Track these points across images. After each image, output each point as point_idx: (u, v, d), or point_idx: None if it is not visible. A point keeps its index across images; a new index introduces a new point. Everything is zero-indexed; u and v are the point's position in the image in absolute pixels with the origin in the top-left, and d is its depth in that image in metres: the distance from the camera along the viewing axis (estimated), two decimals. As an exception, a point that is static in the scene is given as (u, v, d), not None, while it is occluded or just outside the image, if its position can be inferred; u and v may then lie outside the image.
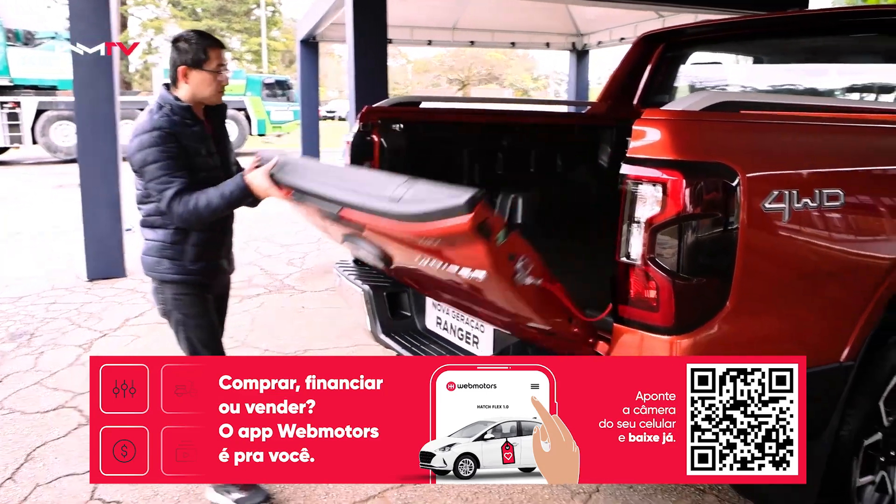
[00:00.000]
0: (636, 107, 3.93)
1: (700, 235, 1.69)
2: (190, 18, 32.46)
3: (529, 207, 3.49)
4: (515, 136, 3.62)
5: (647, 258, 1.69)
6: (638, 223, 1.69)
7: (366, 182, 1.98)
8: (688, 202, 1.64)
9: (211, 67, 2.43)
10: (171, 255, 2.45)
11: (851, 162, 2.03)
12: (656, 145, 1.67)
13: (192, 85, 2.43)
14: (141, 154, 2.32)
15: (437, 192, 1.59)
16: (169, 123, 2.35)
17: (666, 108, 1.76)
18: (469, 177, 3.44)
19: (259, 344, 4.20)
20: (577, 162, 3.89)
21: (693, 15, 10.06)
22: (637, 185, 1.69)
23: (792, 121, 2.05)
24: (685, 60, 4.06)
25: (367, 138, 2.95)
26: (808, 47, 3.73)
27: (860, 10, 3.58)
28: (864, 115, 2.35)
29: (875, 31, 3.25)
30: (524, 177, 3.65)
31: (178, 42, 2.45)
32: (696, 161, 1.67)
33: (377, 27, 6.44)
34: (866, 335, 2.01)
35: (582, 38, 12.65)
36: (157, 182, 2.31)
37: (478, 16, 11.17)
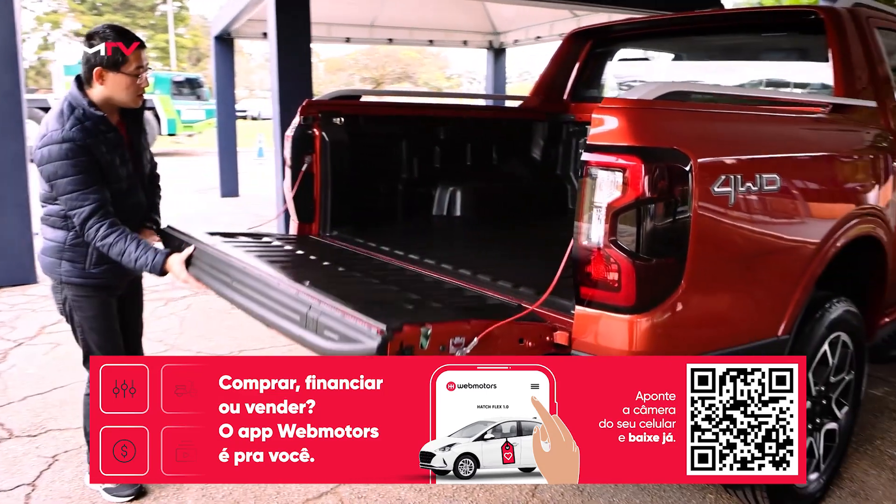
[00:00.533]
0: (566, 101, 4.08)
1: (657, 218, 1.76)
2: (90, 13, 30.47)
3: (469, 199, 3.57)
4: (455, 129, 3.68)
5: (609, 241, 1.74)
6: (599, 208, 1.75)
7: (277, 293, 1.99)
8: (646, 187, 1.71)
9: (129, 70, 2.26)
10: (71, 258, 2.35)
11: (785, 149, 2.20)
12: (615, 132, 1.74)
13: (108, 87, 2.26)
14: (51, 166, 2.19)
15: (350, 325, 1.69)
16: (81, 134, 2.20)
17: (622, 97, 1.83)
18: (409, 170, 3.47)
19: (190, 346, 4.08)
20: (513, 154, 3.99)
21: (607, 14, 10.02)
22: (598, 170, 1.75)
23: (734, 110, 2.23)
24: (612, 57, 4.24)
25: (308, 132, 2.94)
26: (727, 45, 3.94)
27: (777, 10, 3.81)
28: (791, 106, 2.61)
29: (789, 30, 3.44)
30: (464, 169, 3.72)
31: (93, 39, 2.25)
32: (653, 147, 1.75)
33: (301, 24, 6.25)
34: (799, 311, 2.18)
35: (499, 37, 12.64)
36: (68, 197, 2.20)
37: (396, 13, 11.08)
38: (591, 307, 1.84)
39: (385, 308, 1.87)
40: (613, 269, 1.76)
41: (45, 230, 2.42)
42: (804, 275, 2.20)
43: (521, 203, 3.83)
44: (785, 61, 3.63)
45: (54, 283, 2.44)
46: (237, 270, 2.16)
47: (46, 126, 2.24)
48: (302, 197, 3.02)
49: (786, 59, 3.64)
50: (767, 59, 3.71)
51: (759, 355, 1.92)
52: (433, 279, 2.46)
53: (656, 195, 1.73)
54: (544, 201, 3.95)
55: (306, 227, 3.12)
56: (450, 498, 2.56)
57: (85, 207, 2.21)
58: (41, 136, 2.23)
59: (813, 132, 2.46)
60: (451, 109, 4.10)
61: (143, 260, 2.25)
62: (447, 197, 3.56)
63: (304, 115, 2.93)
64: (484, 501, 2.52)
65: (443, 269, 2.56)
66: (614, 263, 1.75)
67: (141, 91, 2.33)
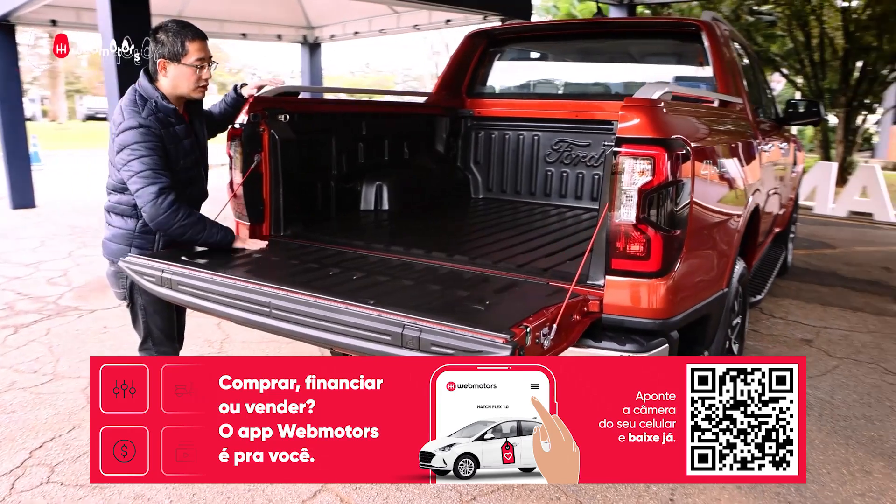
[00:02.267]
0: (463, 97, 4.44)
1: (674, 197, 2.11)
2: None
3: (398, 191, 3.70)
4: (383, 125, 3.84)
5: (641, 217, 2.05)
6: (632, 190, 2.05)
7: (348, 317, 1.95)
8: (669, 171, 2.04)
9: (190, 61, 2.39)
10: (141, 244, 2.48)
11: (725, 136, 2.77)
12: (643, 126, 2.05)
13: (171, 78, 2.40)
14: (128, 150, 2.31)
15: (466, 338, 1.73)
16: (156, 123, 2.35)
17: (640, 97, 2.13)
18: (350, 164, 3.57)
19: (78, 373, 3.70)
20: (424, 148, 4.24)
21: (428, 11, 10.10)
22: (630, 159, 2.04)
23: (696, 104, 2.84)
24: (502, 56, 4.69)
25: (257, 130, 2.88)
26: (609, 49, 4.60)
27: (661, 20, 4.32)
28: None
29: (670, 38, 4.11)
30: (389, 163, 3.86)
31: (158, 33, 2.40)
32: (671, 138, 2.07)
33: (140, 13, 5.58)
34: (732, 268, 2.80)
35: (314, 31, 12.45)
36: (140, 176, 2.30)
37: (206, 5, 10.46)
38: (622, 276, 2.13)
39: (467, 313, 1.95)
40: (643, 241, 2.07)
41: (113, 218, 2.52)
42: (736, 238, 2.80)
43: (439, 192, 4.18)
44: (667, 64, 4.44)
45: (116, 269, 2.51)
46: (278, 299, 2.07)
47: (122, 114, 2.36)
48: (251, 198, 2.94)
49: (667, 62, 4.44)
50: (651, 62, 4.49)
51: (716, 306, 2.57)
52: (447, 269, 2.51)
53: (674, 177, 2.06)
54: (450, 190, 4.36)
55: (257, 229, 3.02)
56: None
57: (155, 184, 2.31)
58: (117, 123, 2.35)
59: (727, 122, 3.03)
60: (386, 106, 4.44)
61: (221, 238, 2.50)
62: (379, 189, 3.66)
63: (252, 112, 2.85)
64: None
65: (434, 256, 2.65)
66: (644, 237, 2.07)
67: (204, 83, 2.46)
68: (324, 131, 3.34)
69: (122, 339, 4.20)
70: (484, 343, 1.69)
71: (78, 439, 2.95)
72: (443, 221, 3.71)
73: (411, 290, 2.23)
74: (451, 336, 1.74)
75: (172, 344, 2.67)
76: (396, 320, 1.83)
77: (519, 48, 4.86)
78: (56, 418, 3.15)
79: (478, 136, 4.40)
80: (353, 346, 1.90)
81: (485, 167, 4.41)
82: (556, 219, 3.74)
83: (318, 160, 3.31)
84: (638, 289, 2.12)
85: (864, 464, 2.90)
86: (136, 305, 2.57)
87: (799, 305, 5.34)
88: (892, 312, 5.25)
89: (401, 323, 1.81)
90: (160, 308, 2.55)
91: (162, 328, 2.59)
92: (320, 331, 1.96)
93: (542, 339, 1.75)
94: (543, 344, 1.73)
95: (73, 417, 3.16)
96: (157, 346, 2.62)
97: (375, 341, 1.85)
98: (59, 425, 3.08)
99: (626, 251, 2.09)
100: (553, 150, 4.19)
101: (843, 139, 12.88)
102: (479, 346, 1.69)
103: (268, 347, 4.05)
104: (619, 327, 2.16)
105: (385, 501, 2.54)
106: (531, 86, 4.81)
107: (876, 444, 3.10)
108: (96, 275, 5.65)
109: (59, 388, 3.49)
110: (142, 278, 2.35)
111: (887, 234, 8.83)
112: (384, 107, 4.55)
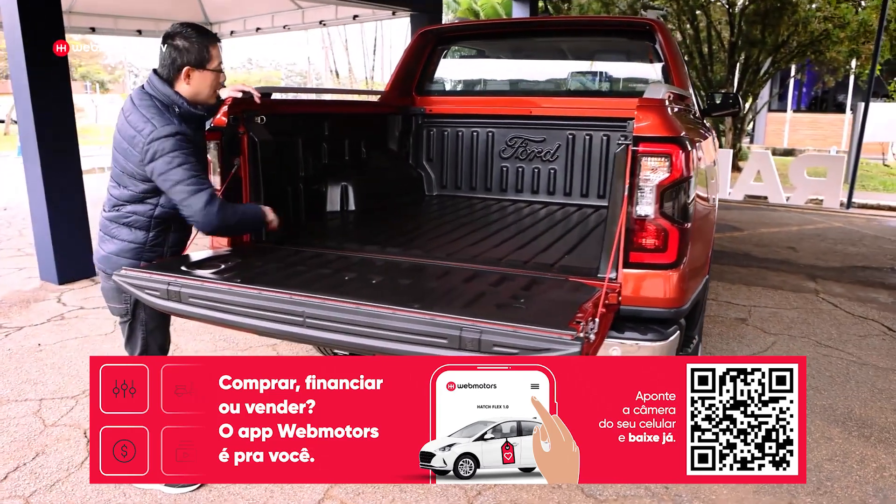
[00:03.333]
0: (413, 95, 4.44)
1: (686, 191, 2.19)
2: None
3: (362, 191, 3.69)
4: (344, 124, 3.81)
5: (660, 212, 2.14)
6: (650, 186, 2.13)
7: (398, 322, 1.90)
8: (683, 167, 2.12)
9: (213, 66, 2.36)
10: (151, 259, 2.40)
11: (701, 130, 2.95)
12: (658, 125, 2.13)
13: (194, 85, 2.35)
14: (166, 158, 2.23)
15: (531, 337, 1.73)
16: (188, 128, 2.31)
17: (652, 98, 2.22)
18: (328, 165, 3.58)
19: (23, 395, 3.43)
20: (380, 148, 4.26)
21: (333, 7, 9.95)
22: (648, 157, 2.11)
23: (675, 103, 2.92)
24: (453, 54, 4.77)
25: (237, 132, 2.80)
26: (559, 47, 4.70)
27: (613, 18, 4.51)
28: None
29: (621, 36, 4.23)
30: (349, 163, 3.84)
31: (176, 39, 2.31)
32: (681, 136, 2.15)
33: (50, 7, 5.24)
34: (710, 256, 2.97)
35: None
36: (186, 185, 2.23)
37: (97, 0, 10.00)
38: (639, 268, 2.20)
39: (513, 311, 1.94)
40: (661, 234, 2.16)
41: (120, 231, 2.41)
42: (713, 227, 3.03)
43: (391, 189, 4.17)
44: (617, 61, 4.62)
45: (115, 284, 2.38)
46: (312, 307, 2.01)
47: (148, 122, 2.25)
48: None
49: (618, 59, 4.61)
50: (602, 59, 4.61)
51: (703, 292, 2.73)
52: (461, 269, 2.51)
53: (686, 172, 2.14)
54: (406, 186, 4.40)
55: (237, 236, 2.89)
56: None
57: (204, 191, 2.26)
58: (145, 132, 2.24)
59: (692, 118, 3.19)
60: (347, 105, 4.51)
61: (254, 212, 2.49)
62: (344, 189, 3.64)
63: (232, 114, 2.76)
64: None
65: (435, 256, 2.66)
66: (662, 230, 2.16)
67: (220, 86, 2.43)
68: (293, 133, 3.28)
69: (63, 356, 3.97)
70: (552, 341, 1.69)
71: (45, 466, 2.76)
72: (416, 220, 3.67)
73: (441, 292, 2.20)
74: (515, 336, 1.73)
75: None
76: (453, 323, 1.80)
77: (470, 45, 4.91)
78: (13, 445, 2.92)
79: (430, 134, 4.40)
80: (402, 352, 1.86)
81: (438, 164, 4.41)
82: (527, 214, 3.76)
83: (290, 162, 3.25)
84: (655, 280, 2.21)
85: (824, 431, 3.14)
86: (136, 321, 2.47)
87: (725, 286, 5.64)
88: (808, 289, 5.59)
89: (458, 325, 1.79)
90: (161, 323, 2.50)
91: (160, 345, 2.53)
92: (364, 338, 1.91)
93: (589, 333, 1.74)
94: (590, 338, 1.73)
95: (33, 443, 2.94)
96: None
97: (429, 345, 1.82)
98: (19, 453, 2.86)
99: (644, 245, 2.18)
100: (508, 146, 4.21)
101: (732, 127, 13.82)
102: (547, 345, 1.69)
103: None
104: (635, 318, 2.21)
105: (392, 503, 2.53)
106: (483, 83, 4.86)
107: (828, 412, 3.34)
108: (11, 288, 5.37)
109: (7, 413, 3.23)
110: (142, 293, 2.24)
111: (783, 215, 9.36)
112: (344, 106, 4.54)
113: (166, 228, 2.42)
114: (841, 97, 20.85)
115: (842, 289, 5.59)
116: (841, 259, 6.67)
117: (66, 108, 5.42)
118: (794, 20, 12.11)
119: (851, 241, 7.62)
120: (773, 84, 17.67)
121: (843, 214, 9.50)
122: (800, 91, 21.59)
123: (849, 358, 4.02)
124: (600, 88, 4.48)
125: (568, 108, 4.02)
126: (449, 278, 2.37)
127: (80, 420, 3.14)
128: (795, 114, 20.95)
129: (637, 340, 2.11)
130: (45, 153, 5.29)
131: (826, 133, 19.87)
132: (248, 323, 2.10)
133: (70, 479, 2.67)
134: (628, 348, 2.11)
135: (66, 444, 2.93)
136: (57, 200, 5.38)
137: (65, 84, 5.41)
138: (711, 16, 13.25)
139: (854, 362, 3.95)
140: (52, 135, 5.30)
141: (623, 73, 4.53)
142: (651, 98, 2.22)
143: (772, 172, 10.10)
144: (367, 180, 3.78)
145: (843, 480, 2.70)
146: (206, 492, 2.58)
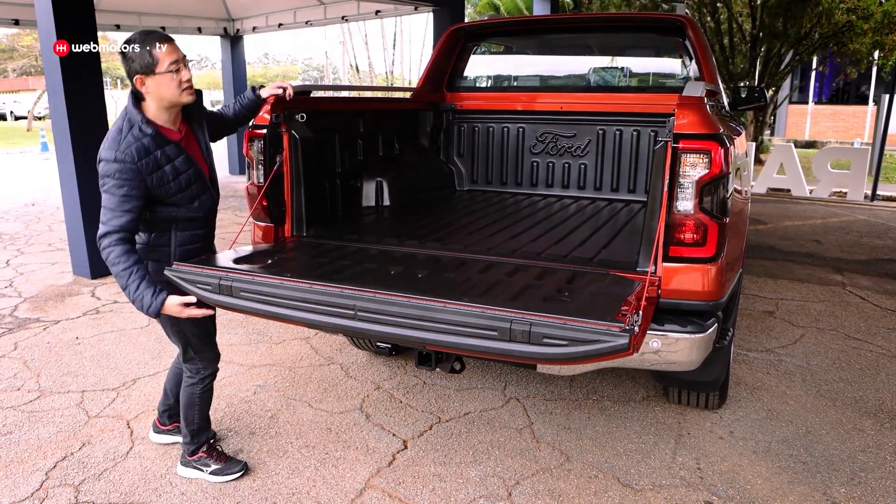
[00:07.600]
0: (444, 91, 4.48)
1: (725, 187, 2.20)
2: None
3: (396, 186, 3.73)
4: (378, 121, 3.81)
5: (700, 207, 2.17)
6: (690, 182, 2.16)
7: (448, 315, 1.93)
8: (722, 163, 2.15)
9: (163, 69, 2.23)
10: (158, 258, 2.41)
11: (734, 126, 3.01)
12: (699, 122, 2.16)
13: (153, 91, 2.26)
14: (101, 180, 2.25)
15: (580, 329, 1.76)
16: (134, 155, 2.22)
17: (691, 96, 2.24)
18: (365, 162, 3.60)
19: (65, 387, 3.53)
20: (411, 143, 4.27)
21: (356, 2, 9.91)
22: (688, 154, 2.15)
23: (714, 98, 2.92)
24: (478, 51, 4.75)
25: (278, 130, 2.85)
26: (589, 43, 4.71)
27: (643, 15, 4.39)
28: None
29: (651, 32, 4.24)
30: (383, 159, 3.85)
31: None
32: (720, 132, 2.18)
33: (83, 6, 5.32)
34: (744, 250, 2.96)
35: (234, 24, 12.06)
36: (103, 209, 2.25)
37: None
38: (678, 262, 2.25)
39: (560, 304, 1.99)
40: (701, 229, 2.20)
41: None
42: (747, 221, 2.98)
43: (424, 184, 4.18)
44: (647, 57, 4.64)
45: None
46: (364, 301, 2.04)
47: (107, 140, 2.26)
48: (273, 199, 2.90)
49: (647, 55, 4.65)
50: (631, 55, 4.61)
51: (738, 285, 2.74)
52: (505, 263, 2.54)
53: (725, 169, 2.17)
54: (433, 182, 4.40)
55: (279, 231, 2.98)
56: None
57: (107, 224, 2.23)
58: (103, 148, 2.26)
59: (725, 113, 3.21)
60: (382, 102, 4.56)
61: (139, 303, 2.25)
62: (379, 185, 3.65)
63: (274, 112, 2.80)
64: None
65: (474, 251, 2.71)
66: (702, 225, 2.19)
67: (187, 84, 2.30)
68: (332, 130, 3.32)
69: (101, 349, 4.07)
70: (601, 333, 1.73)
71: (92, 456, 2.82)
72: (451, 215, 3.66)
73: (486, 285, 2.22)
74: (564, 328, 1.76)
75: (213, 347, 2.63)
76: (504, 315, 1.84)
77: (500, 42, 4.92)
78: (60, 436, 2.99)
79: (460, 129, 4.43)
80: (453, 344, 1.90)
81: (468, 159, 4.44)
82: (558, 209, 3.78)
83: (328, 158, 3.30)
84: (695, 274, 2.24)
85: (856, 423, 3.14)
86: (166, 318, 2.44)
87: (751, 279, 5.65)
88: (835, 282, 5.58)
89: (508, 318, 1.82)
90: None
91: (197, 334, 2.53)
92: (415, 330, 1.95)
93: (634, 325, 1.76)
94: (634, 330, 1.75)
95: (78, 434, 3.01)
96: (198, 353, 2.59)
97: (480, 337, 1.85)
98: (66, 443, 2.93)
99: (684, 239, 2.21)
100: (538, 141, 4.24)
101: (753, 120, 13.64)
102: (596, 336, 1.72)
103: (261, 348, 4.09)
104: (674, 310, 2.24)
105: (432, 493, 2.58)
106: (513, 79, 4.88)
107: (860, 404, 3.34)
108: (45, 283, 5.54)
109: (51, 405, 3.30)
110: (194, 287, 2.29)
111: (806, 208, 9.32)
112: (379, 103, 4.55)
113: (167, 228, 2.42)
114: (863, 88, 20.62)
115: (869, 282, 5.57)
116: (867, 252, 6.64)
117: (98, 105, 5.51)
118: (817, 12, 11.97)
119: (877, 233, 7.58)
120: (793, 76, 17.46)
121: (867, 207, 9.44)
122: (821, 83, 21.36)
123: (878, 350, 4.02)
124: (630, 84, 4.47)
125: (598, 104, 4.05)
126: (492, 272, 2.41)
127: (123, 411, 3.22)
128: (817, 105, 20.73)
129: (677, 333, 2.14)
130: (78, 150, 5.39)
131: (848, 125, 19.66)
132: (299, 316, 2.13)
133: (117, 468, 2.73)
134: (668, 341, 2.14)
135: (111, 434, 3.01)
136: (90, 196, 5.48)
137: (97, 82, 5.50)
138: (733, 8, 13.13)
139: (884, 355, 3.95)
140: (84, 132, 5.40)
141: (652, 68, 4.54)
142: (690, 96, 2.24)
143: (795, 165, 10.04)
144: (400, 176, 3.81)
145: (876, 471, 2.71)
146: (251, 481, 2.64)
